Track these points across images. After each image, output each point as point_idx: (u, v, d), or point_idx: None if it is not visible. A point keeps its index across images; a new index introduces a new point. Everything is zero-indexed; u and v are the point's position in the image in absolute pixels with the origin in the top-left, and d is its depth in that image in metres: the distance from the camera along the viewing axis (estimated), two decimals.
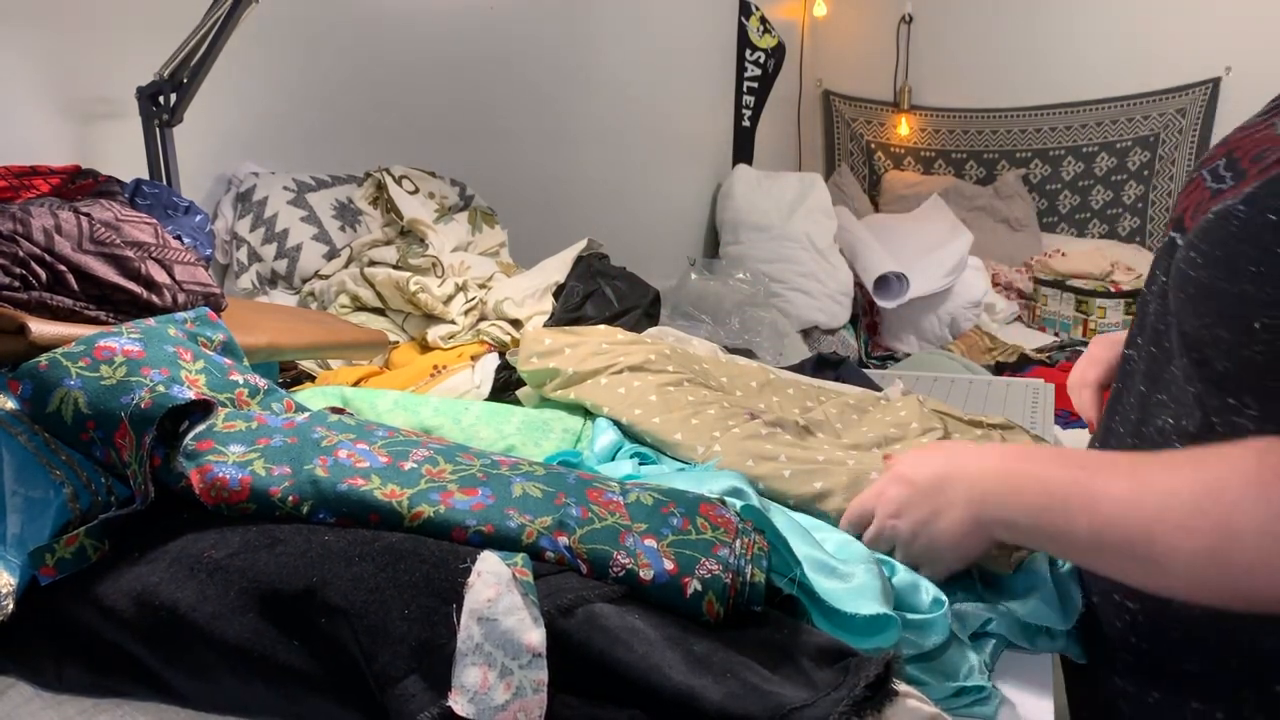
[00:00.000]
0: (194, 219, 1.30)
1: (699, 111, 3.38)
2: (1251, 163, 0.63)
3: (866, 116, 4.14)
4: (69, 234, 0.93)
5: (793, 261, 3.14)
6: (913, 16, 3.91)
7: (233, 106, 1.70)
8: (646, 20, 2.93)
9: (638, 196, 3.03)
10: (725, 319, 2.62)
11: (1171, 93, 3.52)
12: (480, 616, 0.51)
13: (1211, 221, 0.62)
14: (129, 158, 1.42)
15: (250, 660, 0.52)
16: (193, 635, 0.54)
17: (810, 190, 3.31)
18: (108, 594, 0.57)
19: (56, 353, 0.69)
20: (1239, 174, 0.65)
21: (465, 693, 0.48)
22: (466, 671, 0.49)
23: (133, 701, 0.55)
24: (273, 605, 0.53)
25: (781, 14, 3.73)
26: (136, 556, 0.59)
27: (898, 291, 3.18)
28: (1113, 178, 3.77)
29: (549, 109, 2.56)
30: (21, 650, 0.57)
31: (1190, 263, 0.63)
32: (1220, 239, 0.61)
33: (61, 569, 0.58)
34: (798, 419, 0.99)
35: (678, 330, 1.32)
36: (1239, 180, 0.64)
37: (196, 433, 0.64)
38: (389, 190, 1.74)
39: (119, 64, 1.46)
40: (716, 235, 3.42)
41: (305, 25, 1.85)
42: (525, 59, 2.45)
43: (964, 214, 3.65)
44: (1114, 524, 0.61)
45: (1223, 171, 0.67)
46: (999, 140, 3.93)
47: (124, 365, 0.68)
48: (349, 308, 1.56)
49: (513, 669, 0.48)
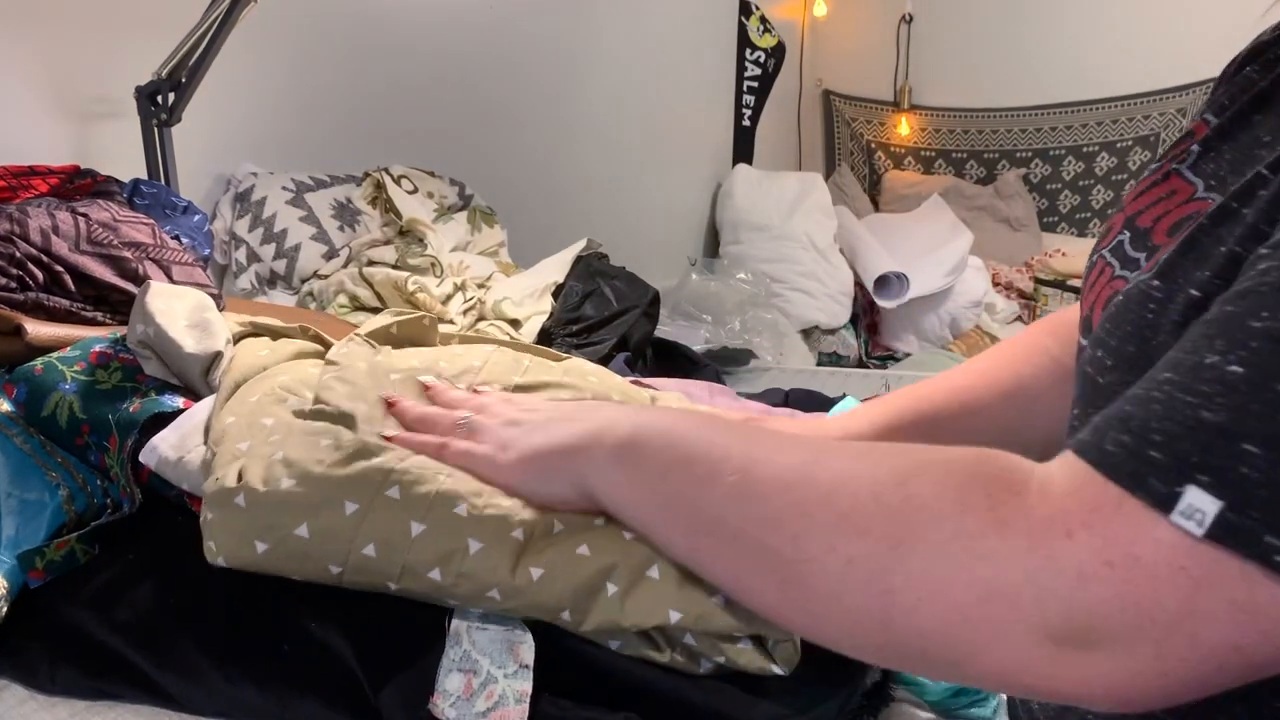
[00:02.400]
0: (192, 219, 1.30)
1: (699, 111, 3.37)
2: (1168, 235, 0.51)
3: (867, 116, 4.13)
4: (66, 234, 0.93)
5: (793, 261, 3.13)
6: (913, 16, 3.91)
7: (231, 106, 1.70)
8: (646, 20, 2.93)
9: (638, 196, 3.03)
10: (726, 319, 2.62)
11: (1171, 93, 3.51)
12: (471, 625, 0.51)
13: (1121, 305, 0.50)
14: (127, 158, 1.42)
15: (241, 663, 0.52)
16: (183, 638, 0.54)
17: (810, 190, 3.31)
18: (100, 597, 0.57)
19: (52, 357, 0.69)
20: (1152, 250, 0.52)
21: (447, 697, 0.48)
22: (450, 677, 0.49)
23: (125, 704, 0.55)
24: (263, 609, 0.53)
25: (781, 14, 3.73)
26: (128, 560, 0.59)
27: (898, 291, 3.18)
28: (1113, 178, 3.77)
29: (548, 108, 2.56)
30: (15, 652, 0.57)
31: (1098, 364, 0.51)
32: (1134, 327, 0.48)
33: (51, 572, 0.58)
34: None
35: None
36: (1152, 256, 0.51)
37: None
38: (388, 190, 1.74)
39: (117, 64, 1.46)
40: (716, 235, 3.42)
41: (304, 25, 1.85)
42: (525, 58, 2.44)
43: (964, 214, 3.64)
44: (760, 494, 0.46)
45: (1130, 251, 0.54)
46: (999, 140, 3.93)
47: (119, 371, 0.68)
48: (347, 308, 1.56)
49: (497, 677, 0.48)
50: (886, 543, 0.41)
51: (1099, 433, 0.40)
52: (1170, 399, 0.38)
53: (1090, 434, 0.40)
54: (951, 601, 0.39)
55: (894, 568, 0.41)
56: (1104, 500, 0.37)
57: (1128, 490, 0.37)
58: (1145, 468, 0.37)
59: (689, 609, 0.50)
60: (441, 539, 0.51)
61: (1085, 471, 0.39)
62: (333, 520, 0.51)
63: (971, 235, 3.34)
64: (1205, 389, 0.37)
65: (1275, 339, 0.36)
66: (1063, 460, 0.41)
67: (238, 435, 0.58)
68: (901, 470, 0.43)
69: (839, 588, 0.43)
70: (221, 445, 0.58)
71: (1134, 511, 0.36)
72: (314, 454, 0.54)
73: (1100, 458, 0.39)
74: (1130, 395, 0.40)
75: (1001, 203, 3.84)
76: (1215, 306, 0.40)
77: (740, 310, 2.67)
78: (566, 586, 0.50)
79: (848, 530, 0.42)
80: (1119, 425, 0.39)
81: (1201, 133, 0.55)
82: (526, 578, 0.50)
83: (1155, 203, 0.54)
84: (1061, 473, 0.40)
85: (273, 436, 0.57)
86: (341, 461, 0.54)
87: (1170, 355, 0.40)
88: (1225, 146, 0.52)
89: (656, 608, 0.50)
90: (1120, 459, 0.38)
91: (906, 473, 0.43)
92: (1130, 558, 0.36)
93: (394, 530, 0.51)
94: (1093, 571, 0.37)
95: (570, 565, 0.51)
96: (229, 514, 0.52)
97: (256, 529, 0.51)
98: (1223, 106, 0.55)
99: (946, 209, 3.57)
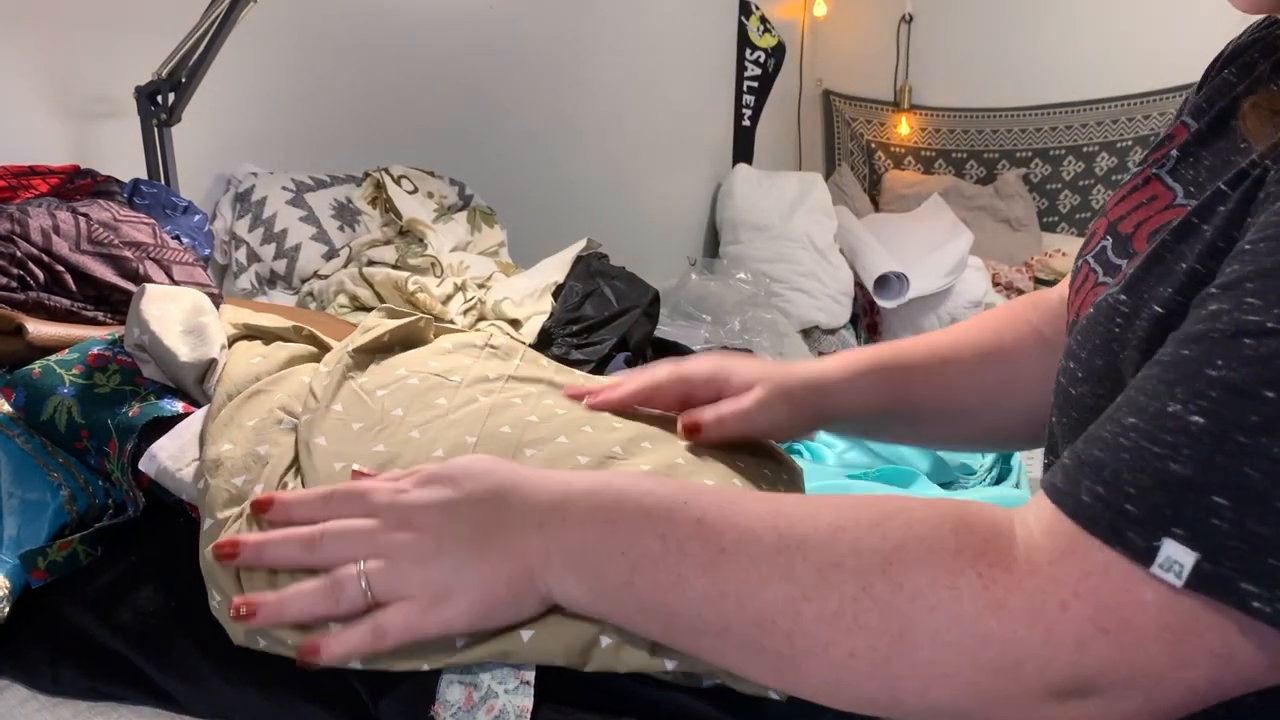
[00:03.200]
0: (192, 219, 1.30)
1: (699, 111, 3.38)
2: (1148, 242, 0.50)
3: (866, 116, 4.13)
4: (67, 234, 0.93)
5: (793, 261, 3.13)
6: (913, 16, 3.91)
7: (231, 106, 1.70)
8: (646, 20, 2.93)
9: (638, 196, 3.03)
10: (725, 319, 2.62)
11: (1171, 93, 3.51)
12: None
13: (1091, 317, 0.50)
14: (127, 157, 1.42)
15: (242, 666, 0.52)
16: (185, 640, 0.54)
17: (810, 190, 3.31)
18: (102, 598, 0.57)
19: (50, 360, 0.69)
20: (1133, 258, 0.51)
21: (448, 707, 0.48)
22: (451, 688, 0.49)
23: (126, 705, 0.55)
24: None
25: (781, 14, 3.73)
26: (131, 561, 0.59)
27: (898, 291, 3.18)
28: (1113, 177, 3.77)
29: (549, 108, 2.56)
30: (16, 653, 0.57)
31: (1069, 375, 0.52)
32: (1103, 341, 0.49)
33: (53, 572, 0.58)
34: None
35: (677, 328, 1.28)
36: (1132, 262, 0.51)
37: None
38: (388, 190, 1.74)
39: (118, 64, 1.46)
40: (716, 235, 3.42)
41: (304, 25, 1.85)
42: (525, 58, 2.44)
43: (964, 214, 3.64)
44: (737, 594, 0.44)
45: (1113, 257, 0.54)
46: (999, 140, 3.93)
47: (118, 374, 0.68)
48: (348, 308, 1.56)
49: (498, 692, 0.48)
50: (886, 637, 0.41)
51: (1072, 479, 0.41)
52: (1138, 448, 0.39)
53: (1064, 480, 0.42)
54: (960, 680, 0.41)
55: (898, 659, 0.41)
56: (1090, 563, 0.39)
57: (1107, 544, 0.39)
58: (1122, 521, 0.39)
59: (683, 656, 0.49)
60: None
61: (1064, 525, 0.40)
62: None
63: (971, 235, 3.34)
64: (1169, 439, 0.38)
65: (1232, 389, 0.37)
66: (1040, 508, 0.42)
67: (233, 468, 0.57)
68: (883, 553, 0.42)
69: (842, 676, 0.43)
70: (216, 477, 0.56)
71: (1119, 572, 0.38)
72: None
73: (1078, 509, 0.40)
74: (1098, 437, 0.41)
75: (1001, 203, 3.84)
76: (1171, 345, 0.41)
77: (740, 310, 2.67)
78: (558, 646, 0.48)
79: (843, 626, 0.42)
80: (1092, 474, 0.40)
81: (1181, 137, 0.55)
82: (517, 641, 0.48)
83: (1136, 208, 0.54)
84: (1041, 526, 0.41)
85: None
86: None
87: (1132, 395, 0.41)
88: (1204, 152, 0.52)
89: (651, 660, 0.49)
90: (1097, 511, 0.39)
91: (888, 555, 0.42)
92: (1122, 622, 0.38)
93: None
94: (1089, 638, 0.39)
95: (558, 627, 0.49)
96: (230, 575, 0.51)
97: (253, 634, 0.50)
98: (1201, 110, 0.55)
99: (946, 209, 3.57)
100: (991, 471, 1.56)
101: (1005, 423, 0.76)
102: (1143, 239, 0.52)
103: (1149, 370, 0.41)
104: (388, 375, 0.68)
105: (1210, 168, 0.51)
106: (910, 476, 1.45)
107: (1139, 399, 0.41)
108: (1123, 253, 0.54)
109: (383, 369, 0.70)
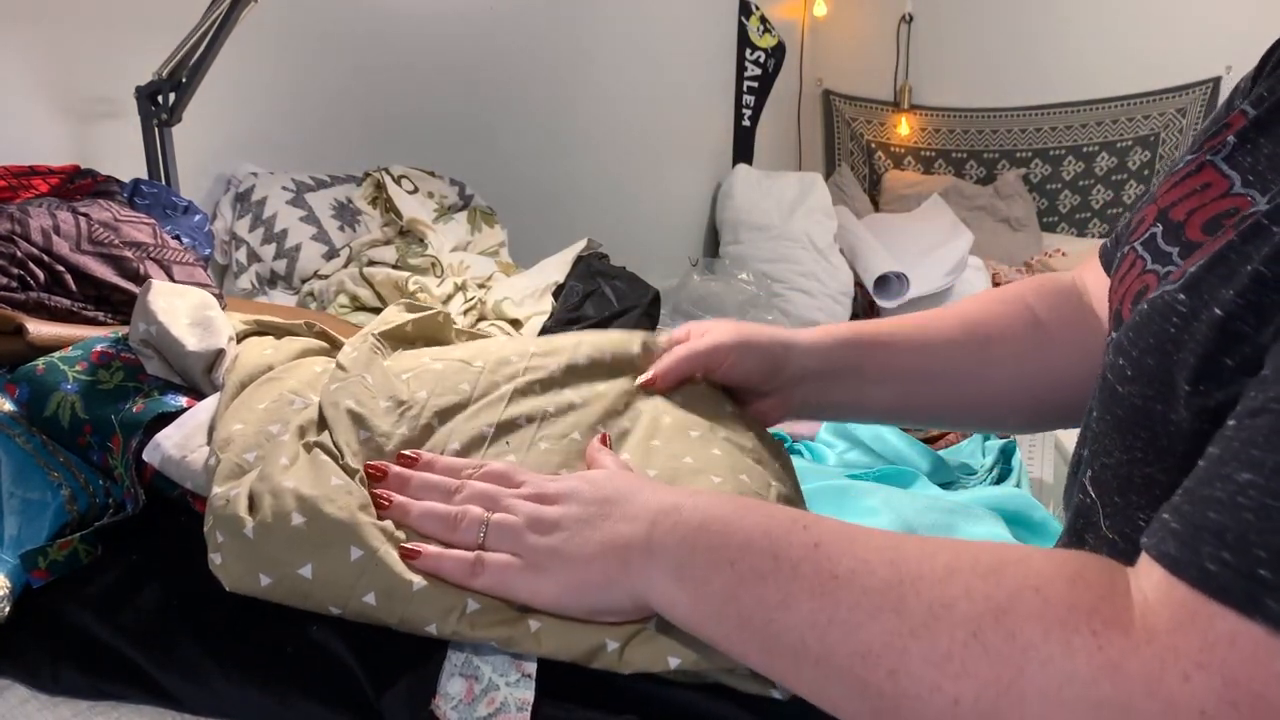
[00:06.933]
0: (193, 219, 1.30)
1: (699, 111, 3.38)
2: (1203, 231, 0.49)
3: (866, 116, 4.13)
4: (67, 234, 0.93)
5: (793, 261, 3.14)
6: (913, 16, 3.91)
7: (232, 106, 1.70)
8: (646, 20, 2.93)
9: (638, 196, 3.03)
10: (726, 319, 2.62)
11: (1171, 92, 3.51)
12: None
13: (1145, 314, 0.48)
14: (128, 157, 1.42)
15: (243, 664, 0.52)
16: (186, 639, 0.54)
17: (810, 190, 3.31)
18: (103, 597, 0.57)
19: (54, 357, 0.69)
20: (1186, 246, 0.50)
21: (448, 700, 0.48)
22: (452, 681, 0.49)
23: (127, 704, 0.55)
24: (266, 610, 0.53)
25: (781, 14, 3.73)
26: (131, 560, 0.59)
27: (898, 291, 3.18)
28: (1113, 177, 3.77)
29: (549, 108, 2.56)
30: (17, 652, 0.57)
31: (1118, 372, 0.50)
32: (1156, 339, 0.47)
33: (54, 572, 0.58)
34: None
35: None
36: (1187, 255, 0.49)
37: None
38: (388, 190, 1.74)
39: (118, 63, 1.46)
40: (716, 235, 3.42)
41: (304, 25, 1.85)
42: (525, 58, 2.44)
43: (964, 214, 3.64)
44: (844, 621, 0.43)
45: (1163, 244, 0.53)
46: (999, 140, 3.93)
47: (121, 370, 0.68)
48: (348, 308, 1.56)
49: (499, 685, 0.48)
50: (995, 687, 0.39)
51: (1190, 547, 0.38)
52: (1263, 508, 0.36)
53: (1179, 548, 0.38)
54: None
55: (1006, 711, 0.39)
56: (1214, 633, 0.36)
57: (1243, 614, 0.35)
58: (1258, 589, 0.35)
59: (687, 655, 0.49)
60: (442, 596, 0.50)
61: (1181, 592, 0.38)
62: (336, 564, 0.51)
63: (971, 235, 3.34)
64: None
65: None
66: (1154, 576, 0.39)
67: (244, 444, 0.58)
68: (997, 600, 0.41)
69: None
70: (226, 452, 0.57)
71: (1248, 642, 0.35)
72: (326, 490, 0.53)
73: (1203, 578, 0.37)
74: (1210, 498, 0.38)
75: (1001, 203, 3.84)
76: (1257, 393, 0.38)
77: (740, 310, 2.68)
78: (562, 642, 0.49)
79: (950, 671, 0.40)
80: (1213, 539, 0.37)
81: (1239, 124, 0.53)
82: (524, 629, 0.49)
83: (1189, 195, 0.53)
84: (1156, 592, 0.39)
85: (281, 459, 0.56)
86: (351, 504, 0.53)
87: (1238, 448, 0.38)
88: (1264, 140, 0.51)
89: (655, 658, 0.49)
90: (1227, 579, 0.36)
91: (1002, 603, 0.40)
92: (1254, 696, 0.35)
93: (395, 582, 0.51)
94: (1216, 712, 0.35)
95: (565, 625, 0.50)
96: (238, 543, 0.52)
97: (262, 563, 0.51)
98: (1261, 98, 0.53)
99: (946, 209, 3.57)
100: (992, 472, 1.55)
101: (989, 400, 0.76)
102: (1196, 227, 0.50)
103: (1256, 420, 0.38)
104: (412, 361, 0.69)
105: (1270, 156, 0.49)
106: (911, 477, 1.45)
107: (1250, 453, 0.37)
108: (1174, 240, 0.52)
109: (407, 356, 0.71)
